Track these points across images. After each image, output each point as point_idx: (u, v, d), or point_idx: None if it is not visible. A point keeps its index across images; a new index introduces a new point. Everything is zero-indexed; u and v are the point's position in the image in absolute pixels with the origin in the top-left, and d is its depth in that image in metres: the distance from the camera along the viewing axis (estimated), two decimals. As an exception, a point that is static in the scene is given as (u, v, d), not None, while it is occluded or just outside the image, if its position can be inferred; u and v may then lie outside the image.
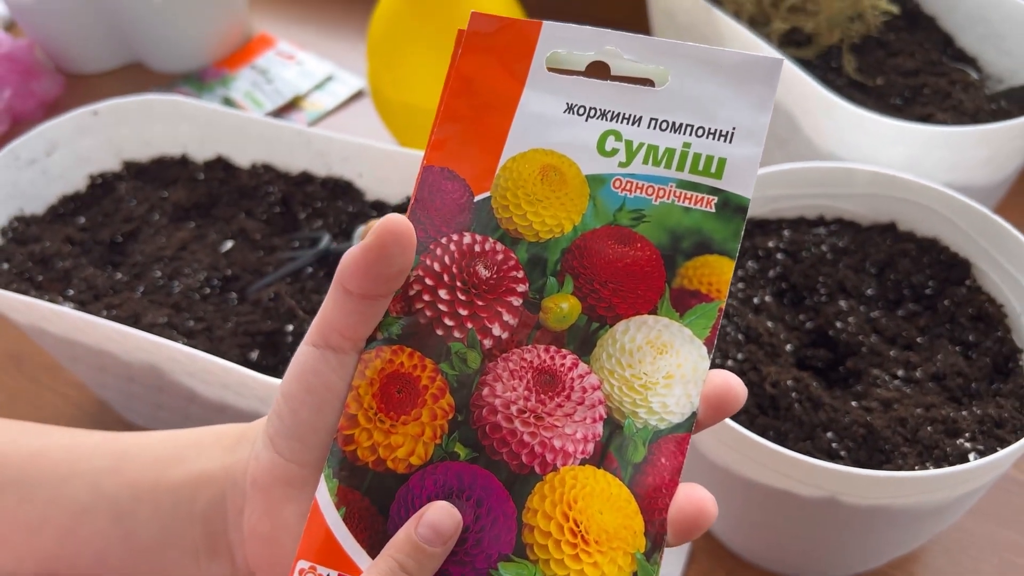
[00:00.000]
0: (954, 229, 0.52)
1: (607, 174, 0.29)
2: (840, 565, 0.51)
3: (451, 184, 0.30)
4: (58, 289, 0.55)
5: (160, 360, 0.49)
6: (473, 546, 0.27)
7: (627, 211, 0.29)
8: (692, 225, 0.28)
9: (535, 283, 0.29)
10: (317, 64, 0.93)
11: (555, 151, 0.29)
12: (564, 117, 0.30)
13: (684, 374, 0.28)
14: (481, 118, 0.30)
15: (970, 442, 0.43)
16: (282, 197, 0.61)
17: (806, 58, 0.66)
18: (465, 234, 0.29)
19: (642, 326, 0.28)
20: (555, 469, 0.28)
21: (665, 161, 0.29)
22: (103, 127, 0.62)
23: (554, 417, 0.28)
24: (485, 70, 0.30)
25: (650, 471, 0.27)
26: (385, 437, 0.28)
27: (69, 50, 0.92)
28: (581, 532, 0.27)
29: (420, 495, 0.28)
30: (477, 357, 0.29)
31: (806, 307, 0.52)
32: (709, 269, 0.28)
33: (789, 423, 0.45)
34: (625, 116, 0.29)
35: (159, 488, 0.35)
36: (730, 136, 0.28)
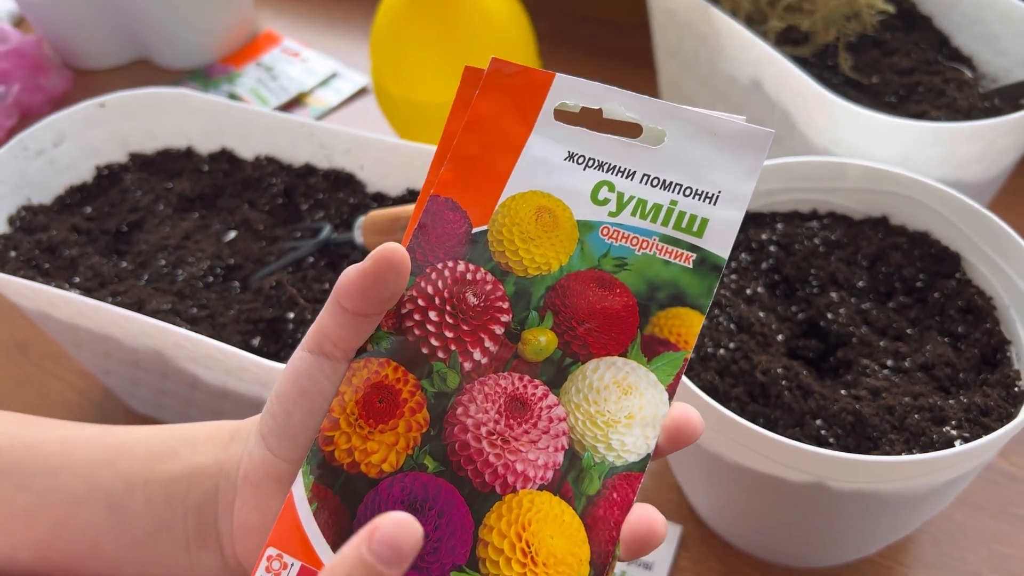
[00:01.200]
0: (945, 223, 0.53)
1: (597, 221, 0.31)
2: (829, 553, 0.51)
3: (453, 215, 0.32)
4: (64, 277, 0.56)
5: (164, 345, 0.50)
6: (430, 554, 0.29)
7: (611, 258, 0.31)
8: (670, 278, 0.30)
9: (518, 315, 0.31)
10: (322, 61, 0.94)
11: (552, 195, 0.32)
12: (564, 164, 0.32)
13: (644, 416, 0.30)
14: (488, 156, 0.32)
15: (956, 429, 0.44)
16: (285, 189, 0.62)
17: (802, 56, 0.67)
18: (460, 262, 0.31)
19: (611, 366, 0.30)
20: (514, 491, 0.29)
21: (652, 215, 0.31)
22: (110, 119, 0.64)
23: (520, 442, 0.30)
24: (497, 111, 0.33)
25: (602, 504, 0.29)
26: (362, 442, 0.30)
27: (77, 46, 0.93)
28: (531, 553, 0.29)
29: (387, 500, 0.30)
30: (456, 378, 0.30)
31: (798, 298, 0.52)
32: (680, 321, 0.30)
33: (779, 410, 0.46)
34: (620, 169, 0.32)
35: (153, 481, 0.36)
36: (715, 199, 0.31)
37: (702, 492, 0.53)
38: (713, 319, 0.49)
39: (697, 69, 0.71)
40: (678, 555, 0.54)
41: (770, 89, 0.63)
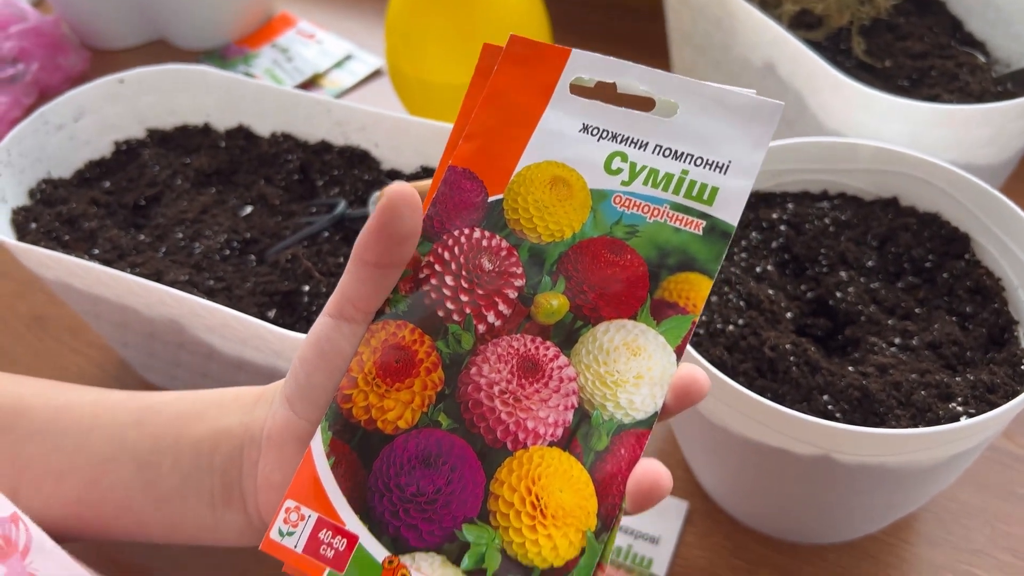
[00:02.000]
0: (955, 204, 0.53)
1: (610, 190, 0.32)
2: (835, 528, 0.52)
3: (470, 184, 0.33)
4: (84, 248, 0.57)
5: (181, 314, 0.51)
6: (442, 506, 0.30)
7: (623, 225, 0.32)
8: (679, 244, 0.31)
9: (531, 280, 0.32)
10: (337, 43, 0.94)
11: (566, 164, 0.33)
12: (579, 136, 0.33)
13: (653, 376, 0.30)
14: (505, 129, 0.33)
15: (962, 406, 0.44)
16: (300, 165, 0.63)
17: (816, 40, 0.67)
18: (476, 229, 0.32)
19: (621, 329, 0.31)
20: (525, 447, 0.30)
21: (664, 184, 0.32)
22: (129, 95, 0.64)
23: (531, 400, 0.31)
24: (515, 86, 0.34)
25: (610, 459, 0.30)
26: (379, 400, 0.31)
27: (95, 26, 0.94)
28: (540, 506, 0.30)
29: (402, 455, 0.31)
30: (470, 339, 0.31)
31: (807, 277, 0.53)
32: (689, 285, 0.31)
33: (787, 385, 0.46)
34: (633, 140, 0.32)
35: (181, 442, 0.37)
36: (725, 168, 0.31)
37: (709, 468, 0.54)
38: (723, 296, 0.50)
39: (711, 52, 0.72)
40: (684, 530, 0.55)
41: (783, 72, 0.64)
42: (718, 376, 0.43)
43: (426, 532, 0.30)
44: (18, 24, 0.89)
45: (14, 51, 0.88)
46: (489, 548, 0.29)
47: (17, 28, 0.89)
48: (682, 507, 0.55)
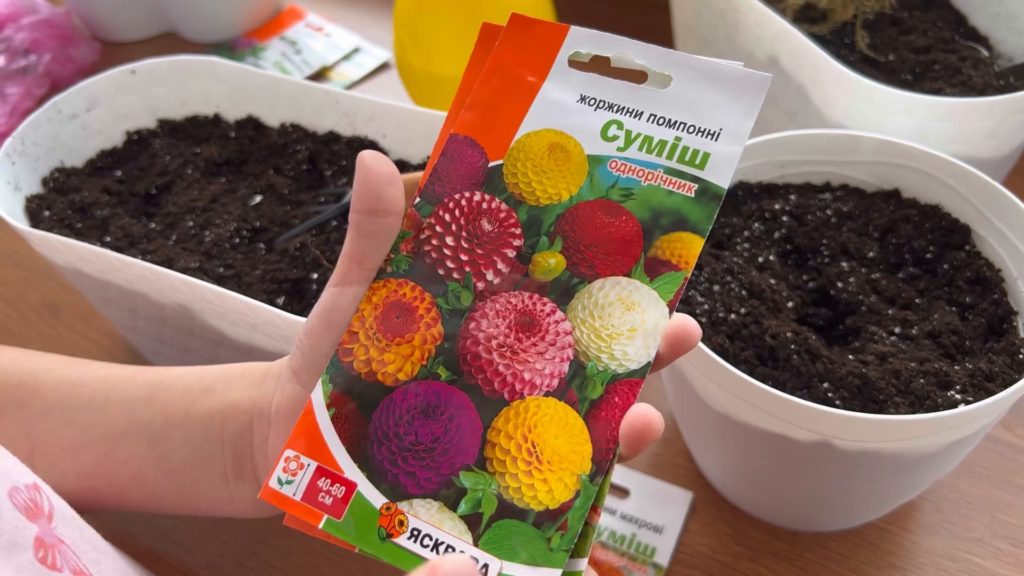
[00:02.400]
0: (956, 196, 0.54)
1: (606, 155, 0.33)
2: (835, 516, 0.53)
3: (471, 150, 0.34)
4: (96, 236, 0.58)
5: (191, 300, 0.51)
6: (441, 454, 0.31)
7: (618, 188, 0.33)
8: (673, 206, 0.32)
9: (529, 240, 0.33)
10: (345, 36, 0.95)
11: (564, 132, 0.34)
12: (576, 106, 0.34)
13: (646, 329, 0.31)
14: (505, 99, 0.35)
15: (960, 394, 0.45)
16: (309, 155, 0.64)
17: (820, 34, 0.68)
18: (476, 192, 0.34)
19: (616, 285, 0.32)
20: (521, 397, 0.31)
21: (658, 150, 0.33)
22: (140, 85, 0.65)
23: (528, 353, 0.32)
24: (516, 60, 0.35)
25: (604, 407, 0.31)
26: (379, 354, 0.32)
27: (106, 18, 0.95)
28: (536, 453, 0.31)
29: (401, 406, 0.32)
30: (470, 296, 0.33)
31: (809, 268, 0.54)
32: (681, 244, 0.32)
33: (787, 373, 0.47)
34: (629, 110, 0.34)
35: (191, 416, 0.38)
36: (717, 135, 0.33)
37: (711, 457, 0.54)
38: (725, 285, 0.51)
39: (715, 45, 0.72)
40: (688, 519, 0.55)
41: (787, 65, 0.64)
42: (720, 363, 0.43)
43: (423, 479, 0.31)
44: (30, 16, 0.90)
45: (26, 42, 0.89)
46: (486, 493, 0.30)
47: (29, 20, 0.89)
48: (687, 497, 0.56)
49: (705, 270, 0.52)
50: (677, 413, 0.55)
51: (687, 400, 0.50)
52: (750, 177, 0.57)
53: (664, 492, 0.56)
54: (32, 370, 0.41)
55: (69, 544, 0.35)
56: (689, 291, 0.51)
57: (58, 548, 0.34)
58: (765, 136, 0.55)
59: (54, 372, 0.41)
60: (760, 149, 0.56)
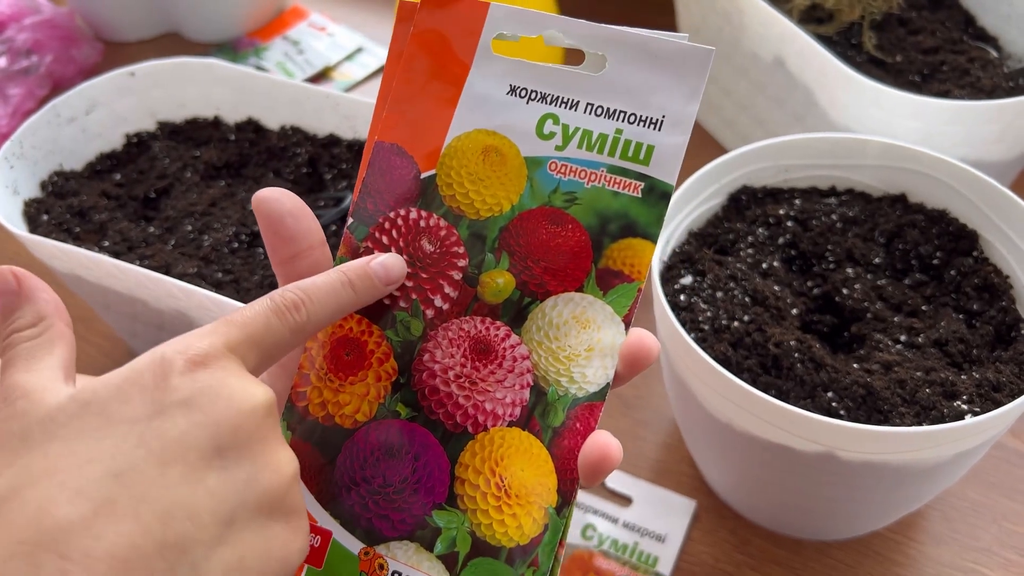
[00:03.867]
0: (963, 201, 0.53)
1: (544, 157, 0.31)
2: (840, 526, 0.52)
3: (400, 160, 0.32)
4: (94, 240, 0.58)
5: (189, 307, 0.51)
6: (411, 495, 0.30)
7: (561, 193, 0.31)
8: (619, 209, 0.31)
9: (475, 258, 0.31)
10: (348, 36, 0.94)
11: (497, 132, 0.32)
12: (507, 99, 0.32)
13: (603, 348, 0.30)
14: (430, 96, 0.32)
15: (967, 404, 0.44)
16: (309, 158, 0.63)
17: (826, 34, 0.67)
18: (412, 209, 0.32)
19: (569, 302, 0.31)
20: (485, 429, 0.30)
21: (598, 146, 0.31)
22: (140, 88, 0.65)
23: (487, 383, 0.31)
24: (434, 48, 0.32)
25: (566, 434, 0.30)
26: (334, 395, 0.31)
27: (108, 18, 0.94)
28: (505, 487, 0.30)
29: (364, 448, 0.31)
30: (420, 325, 0.31)
31: (814, 274, 0.53)
32: (632, 252, 0.31)
33: (791, 382, 0.46)
34: (563, 100, 0.31)
35: None
36: (659, 124, 0.30)
37: (714, 465, 0.54)
38: (728, 292, 0.50)
39: (720, 46, 0.71)
40: (692, 527, 0.55)
41: (792, 67, 0.63)
42: (722, 373, 0.43)
43: (397, 521, 0.30)
44: (32, 16, 0.90)
45: (28, 43, 0.88)
46: (460, 531, 0.30)
47: (31, 20, 0.89)
48: (690, 506, 0.55)
49: (708, 276, 0.51)
50: (680, 421, 0.54)
51: (689, 408, 0.49)
52: (754, 181, 0.56)
53: (667, 500, 0.56)
54: None
55: None
56: (691, 297, 0.50)
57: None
58: (769, 140, 0.54)
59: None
60: (765, 153, 0.55)
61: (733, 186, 0.56)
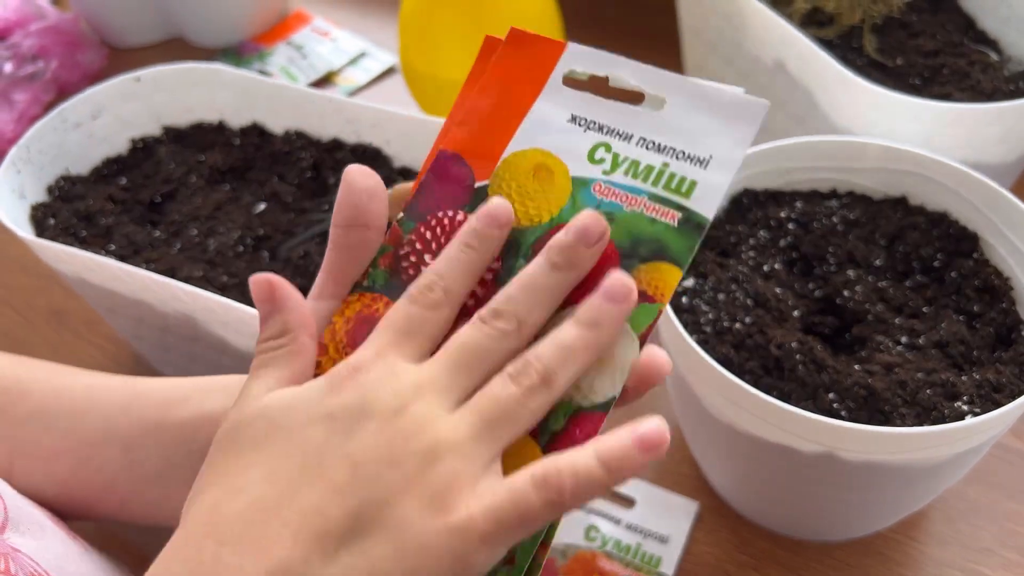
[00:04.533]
0: (964, 203, 0.53)
1: (591, 178, 0.33)
2: (841, 526, 0.52)
3: (458, 169, 0.33)
4: (100, 244, 0.58)
5: (194, 310, 0.51)
6: None
7: (600, 212, 0.32)
8: (653, 235, 0.31)
9: (507, 262, 0.32)
10: (351, 41, 0.95)
11: (551, 153, 0.33)
12: (566, 126, 0.33)
13: (614, 362, 0.31)
14: (496, 116, 0.34)
15: (968, 405, 0.44)
16: (313, 163, 0.64)
17: (827, 38, 0.67)
18: (459, 212, 0.33)
19: None
20: None
21: (644, 176, 0.32)
22: (145, 93, 0.65)
23: None
24: (511, 76, 0.34)
25: (564, 440, 0.30)
26: None
27: (113, 23, 0.95)
28: None
29: None
30: None
31: (815, 276, 0.53)
32: (659, 274, 0.31)
33: (792, 383, 0.46)
34: (619, 132, 0.33)
35: (164, 425, 0.38)
36: (707, 163, 0.32)
37: (716, 465, 0.54)
38: (730, 294, 0.50)
39: (722, 49, 0.72)
40: (694, 528, 0.55)
41: (793, 70, 0.64)
42: (723, 374, 0.43)
43: None
44: (37, 22, 0.91)
45: (33, 49, 0.89)
46: None
47: (37, 26, 0.90)
48: (692, 506, 0.56)
49: (710, 279, 0.51)
50: (682, 422, 0.55)
51: (691, 409, 0.50)
52: (756, 184, 0.56)
53: (669, 502, 0.56)
54: (19, 377, 0.42)
55: (27, 553, 0.35)
56: (693, 300, 0.51)
57: (12, 556, 0.34)
58: (771, 143, 0.55)
59: (40, 381, 0.42)
60: (766, 156, 0.55)
61: (735, 189, 0.56)
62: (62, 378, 0.42)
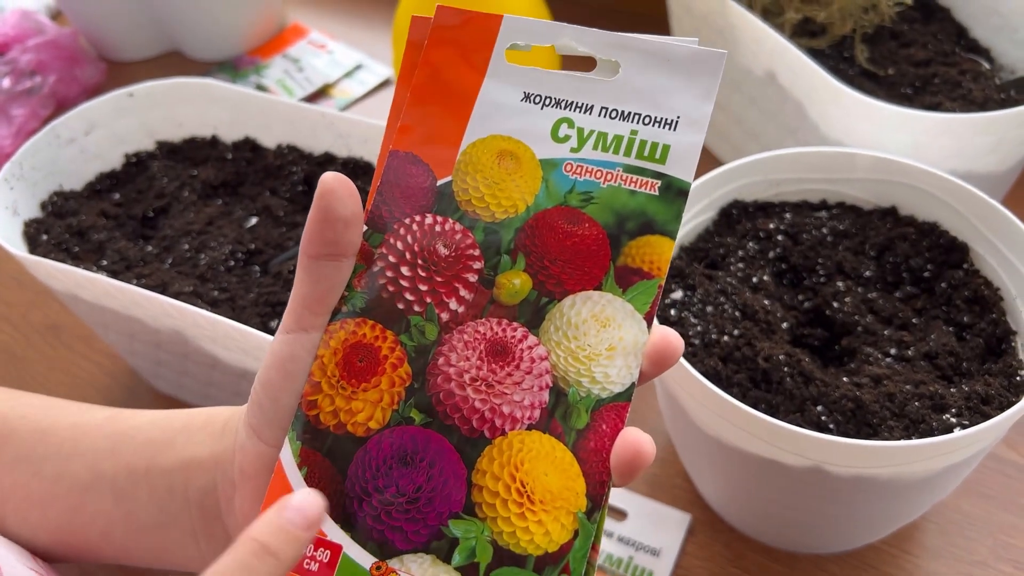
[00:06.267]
0: (954, 214, 0.53)
1: (559, 158, 0.31)
2: (833, 539, 0.52)
3: (415, 168, 0.32)
4: (93, 259, 0.58)
5: (184, 326, 0.52)
6: (425, 504, 0.29)
7: (577, 193, 0.31)
8: (637, 207, 0.30)
9: (490, 260, 0.31)
10: (347, 53, 0.95)
11: (511, 137, 0.31)
12: (521, 105, 0.32)
13: (625, 347, 0.30)
14: (444, 106, 0.32)
15: (956, 417, 0.44)
16: (305, 177, 0.64)
17: (819, 48, 0.67)
18: (427, 215, 0.31)
19: (587, 301, 0.30)
20: (503, 433, 0.30)
21: (613, 147, 0.31)
22: (138, 108, 0.66)
23: (504, 385, 0.30)
24: (449, 59, 0.32)
25: (592, 436, 0.29)
26: (346, 403, 0.30)
27: (111, 38, 0.96)
28: (527, 492, 0.29)
29: (377, 457, 0.30)
30: (434, 329, 0.31)
31: (804, 287, 0.53)
32: (651, 248, 0.30)
33: (780, 396, 0.46)
34: (578, 105, 0.31)
35: (152, 472, 0.36)
36: (675, 124, 0.31)
37: (707, 479, 0.54)
38: (718, 306, 0.50)
39: (714, 61, 0.72)
40: (686, 541, 0.55)
41: (784, 81, 0.64)
42: (709, 387, 0.43)
43: (411, 533, 0.29)
44: (36, 37, 0.91)
45: (32, 64, 0.89)
46: (479, 541, 0.29)
47: (35, 41, 0.90)
48: (684, 520, 0.55)
49: (698, 291, 0.51)
50: (673, 434, 0.54)
51: (681, 422, 0.50)
52: (745, 196, 0.56)
53: (662, 514, 0.56)
54: (4, 415, 0.40)
55: None
56: (682, 312, 0.51)
57: None
58: (760, 154, 0.55)
59: (25, 419, 0.40)
60: (755, 167, 0.55)
61: (724, 200, 0.56)
62: (49, 415, 0.40)
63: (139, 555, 0.38)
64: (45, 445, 0.39)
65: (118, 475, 0.37)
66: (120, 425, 0.39)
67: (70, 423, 0.40)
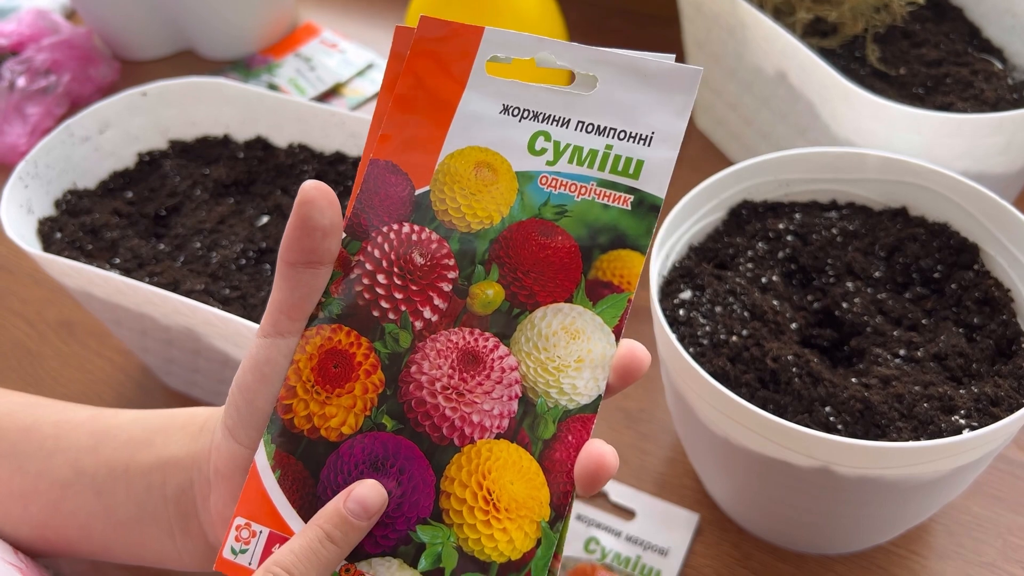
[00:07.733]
0: (964, 215, 0.53)
1: (535, 171, 0.32)
2: (841, 540, 0.52)
3: (395, 177, 0.32)
4: (105, 257, 0.59)
5: (195, 323, 0.52)
6: (394, 509, 0.30)
7: (551, 206, 0.31)
8: (609, 221, 0.31)
9: (464, 270, 0.32)
10: (359, 53, 0.96)
11: (489, 148, 0.32)
12: (499, 117, 0.32)
13: (593, 359, 0.30)
14: (424, 116, 0.33)
15: (965, 419, 0.44)
16: (316, 175, 0.64)
17: (830, 48, 0.67)
18: (404, 224, 0.32)
19: (558, 313, 0.31)
20: (472, 442, 0.30)
21: (588, 161, 0.31)
22: (151, 107, 0.66)
23: (474, 394, 0.31)
24: (430, 70, 0.33)
25: (558, 447, 0.30)
26: (320, 408, 0.31)
27: (125, 37, 0.96)
28: (493, 500, 0.30)
29: (349, 462, 0.30)
30: (408, 337, 0.31)
31: (814, 288, 0.53)
32: (621, 263, 0.31)
33: (788, 397, 0.46)
34: (555, 118, 0.32)
35: (131, 470, 0.37)
36: (649, 140, 0.31)
37: (716, 479, 0.54)
38: (727, 306, 0.50)
39: (724, 61, 0.72)
40: (694, 541, 0.55)
41: (795, 80, 0.64)
42: (717, 388, 0.43)
43: (380, 537, 0.30)
44: (50, 36, 0.92)
45: (47, 63, 0.90)
46: (445, 546, 0.30)
47: (49, 40, 0.91)
48: (692, 519, 0.56)
49: (707, 291, 0.51)
50: (681, 434, 0.55)
51: (689, 422, 0.50)
52: (754, 196, 0.56)
53: (670, 514, 0.56)
54: None
55: None
56: (690, 312, 0.51)
57: None
58: (770, 154, 0.54)
59: (11, 416, 0.41)
60: (765, 167, 0.55)
61: (733, 200, 0.56)
62: (34, 413, 0.41)
63: (118, 550, 0.39)
64: (28, 442, 0.40)
65: (99, 472, 0.38)
66: (102, 423, 0.40)
67: (53, 421, 0.40)
